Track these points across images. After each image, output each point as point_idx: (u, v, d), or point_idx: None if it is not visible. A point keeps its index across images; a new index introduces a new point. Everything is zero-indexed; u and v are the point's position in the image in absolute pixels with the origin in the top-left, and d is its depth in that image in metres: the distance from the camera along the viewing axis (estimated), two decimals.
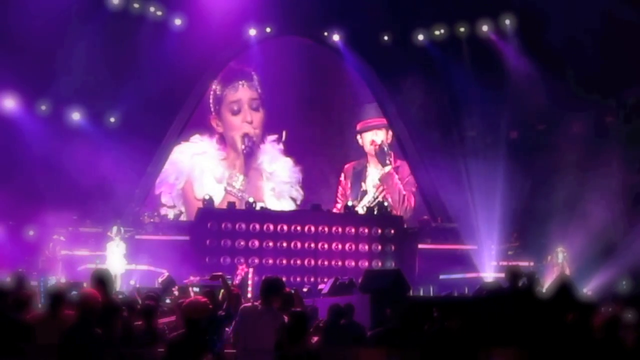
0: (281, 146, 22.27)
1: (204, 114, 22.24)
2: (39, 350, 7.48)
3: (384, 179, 22.29)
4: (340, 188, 22.71)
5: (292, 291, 10.26)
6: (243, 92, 22.13)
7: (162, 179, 21.66)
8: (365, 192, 21.85)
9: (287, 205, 21.90)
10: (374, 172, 22.59)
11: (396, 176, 22.28)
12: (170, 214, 20.71)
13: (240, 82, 22.03)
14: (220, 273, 9.56)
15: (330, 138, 22.97)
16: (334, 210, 21.61)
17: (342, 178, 22.77)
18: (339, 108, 23.05)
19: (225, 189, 21.62)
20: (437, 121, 21.49)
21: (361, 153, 22.98)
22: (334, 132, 23.03)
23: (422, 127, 21.93)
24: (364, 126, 22.86)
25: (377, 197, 21.62)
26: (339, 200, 22.51)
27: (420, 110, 21.82)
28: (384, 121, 22.81)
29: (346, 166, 22.86)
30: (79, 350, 6.95)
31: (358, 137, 22.93)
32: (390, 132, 22.86)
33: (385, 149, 22.45)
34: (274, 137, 22.18)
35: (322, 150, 22.76)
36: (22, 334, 7.75)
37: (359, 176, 22.57)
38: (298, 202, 22.14)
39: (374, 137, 22.74)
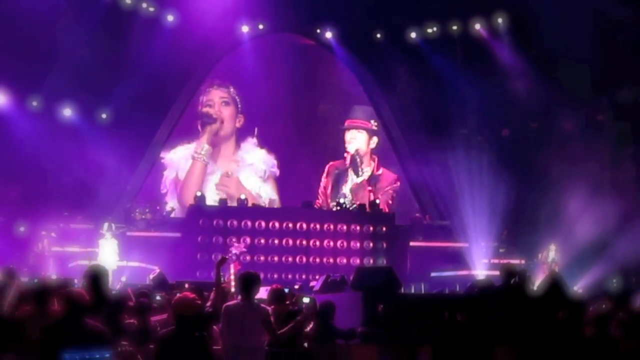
0: (255, 140, 22.26)
1: (194, 113, 22.24)
2: (27, 347, 7.46)
3: (355, 190, 22.08)
4: (321, 185, 22.57)
5: (286, 290, 10.30)
6: (215, 93, 22.28)
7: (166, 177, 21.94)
8: (344, 195, 21.71)
9: (255, 181, 21.94)
10: (352, 177, 22.34)
11: (368, 188, 21.98)
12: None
13: (214, 87, 22.21)
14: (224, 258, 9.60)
15: (315, 136, 22.89)
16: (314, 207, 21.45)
17: (324, 176, 22.63)
18: (328, 106, 22.99)
19: (192, 156, 21.80)
20: (429, 118, 21.50)
21: (329, 155, 22.74)
22: (320, 130, 22.93)
23: (414, 124, 21.93)
24: (348, 124, 22.59)
25: (352, 203, 21.25)
26: (320, 197, 22.44)
27: (412, 108, 21.82)
28: (367, 125, 22.56)
29: (330, 164, 22.60)
30: (63, 344, 6.90)
31: (346, 134, 22.65)
32: (373, 138, 22.53)
33: (358, 159, 22.11)
34: (254, 135, 22.29)
35: (306, 147, 22.62)
36: (12, 331, 7.73)
37: (340, 178, 22.37)
38: (265, 179, 22.10)
39: (352, 139, 22.39)
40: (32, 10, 18.17)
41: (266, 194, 22.12)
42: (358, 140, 22.47)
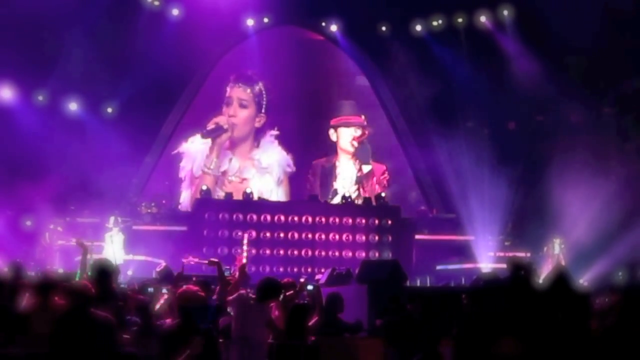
0: (273, 139, 22.17)
1: (202, 106, 22.21)
2: (33, 340, 7.49)
3: (364, 178, 21.95)
4: (308, 185, 22.39)
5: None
6: (237, 91, 21.98)
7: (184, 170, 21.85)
8: (336, 192, 21.51)
9: (269, 185, 21.86)
10: (345, 171, 22.09)
11: (374, 177, 21.95)
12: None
13: (239, 84, 21.95)
14: (217, 260, 9.63)
15: (323, 129, 22.76)
16: None
17: (310, 175, 22.44)
18: (332, 100, 22.88)
19: (202, 170, 21.48)
20: (435, 112, 21.47)
21: (334, 149, 22.45)
22: (327, 122, 22.78)
23: (420, 117, 21.91)
24: (340, 121, 22.27)
25: (349, 197, 21.08)
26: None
27: (417, 101, 21.80)
28: (360, 120, 22.20)
29: (314, 162, 22.34)
30: (72, 335, 6.92)
31: (332, 131, 22.29)
32: (367, 132, 22.33)
33: (368, 146, 21.99)
34: (271, 132, 22.15)
35: (314, 141, 22.54)
36: (19, 325, 7.76)
37: (329, 174, 22.20)
38: (279, 184, 22.03)
39: (354, 134, 22.21)
40: (38, 5, 18.18)
41: (277, 196, 21.85)
42: (358, 135, 22.29)
